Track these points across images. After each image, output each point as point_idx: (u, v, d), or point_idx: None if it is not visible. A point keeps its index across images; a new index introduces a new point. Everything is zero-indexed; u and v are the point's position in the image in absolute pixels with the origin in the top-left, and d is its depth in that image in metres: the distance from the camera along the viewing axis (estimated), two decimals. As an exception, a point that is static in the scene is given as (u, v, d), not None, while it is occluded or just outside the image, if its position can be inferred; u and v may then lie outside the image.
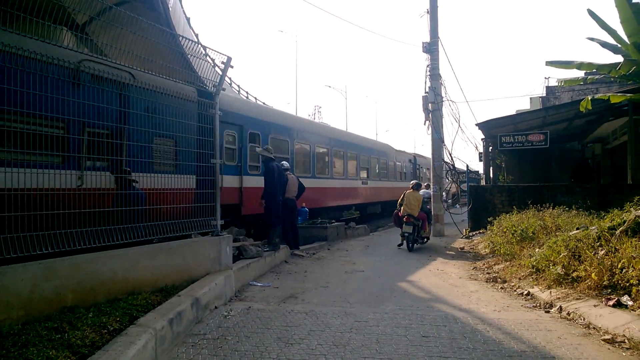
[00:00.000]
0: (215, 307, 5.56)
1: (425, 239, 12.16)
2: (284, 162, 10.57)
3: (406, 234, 11.08)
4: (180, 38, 7.02)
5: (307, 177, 14.08)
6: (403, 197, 11.46)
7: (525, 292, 6.28)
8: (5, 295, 3.95)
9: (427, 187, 14.78)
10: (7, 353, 3.29)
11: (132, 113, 5.58)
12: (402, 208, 11.27)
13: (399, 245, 11.58)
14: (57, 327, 3.81)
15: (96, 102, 5.10)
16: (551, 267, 6.23)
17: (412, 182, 12.20)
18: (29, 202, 4.29)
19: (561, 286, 5.89)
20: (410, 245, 11.15)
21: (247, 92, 23.07)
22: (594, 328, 4.65)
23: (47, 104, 4.47)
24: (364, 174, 19.77)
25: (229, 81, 21.11)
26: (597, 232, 6.23)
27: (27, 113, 4.33)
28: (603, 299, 5.11)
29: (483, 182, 18.83)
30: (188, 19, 15.94)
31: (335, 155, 17.04)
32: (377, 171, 21.39)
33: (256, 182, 11.11)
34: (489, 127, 15.17)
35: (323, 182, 15.78)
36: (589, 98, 9.17)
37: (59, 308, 4.25)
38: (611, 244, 5.74)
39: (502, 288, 6.81)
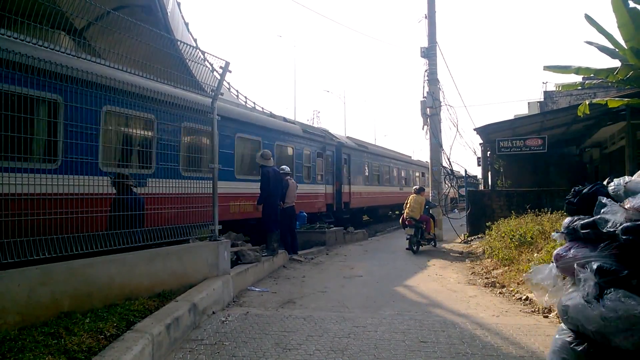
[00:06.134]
0: (213, 313, 5.54)
1: (432, 242, 12.39)
2: (283, 166, 10.56)
3: (408, 236, 11.38)
4: (179, 43, 7.03)
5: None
6: (407, 201, 11.92)
7: (524, 297, 6.27)
8: (1, 301, 3.93)
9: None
10: (3, 358, 3.28)
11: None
12: (405, 211, 11.66)
13: (407, 248, 11.63)
14: (54, 333, 3.79)
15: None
16: (550, 272, 6.21)
17: (415, 186, 12.57)
18: (25, 207, 4.28)
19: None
20: (414, 247, 11.38)
21: (245, 97, 23.09)
22: (592, 333, 4.63)
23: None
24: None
25: (228, 86, 21.15)
26: (595, 237, 6.20)
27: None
28: (602, 304, 5.07)
29: (481, 187, 18.86)
30: (187, 24, 15.99)
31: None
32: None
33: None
34: (487, 132, 15.20)
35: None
36: (587, 103, 9.20)
37: (55, 313, 4.23)
38: (609, 249, 5.71)
39: (500, 293, 6.80)
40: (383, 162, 23.15)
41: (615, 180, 3.00)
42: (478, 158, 19.10)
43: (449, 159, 15.09)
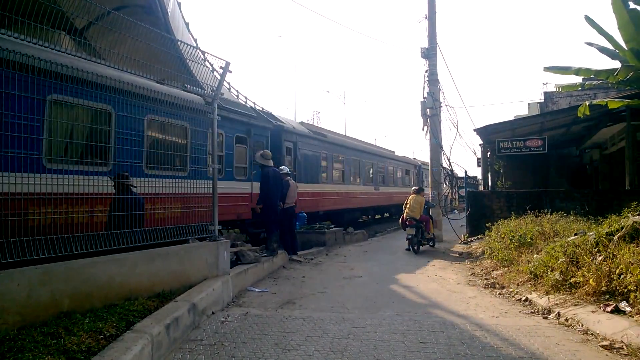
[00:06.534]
0: (213, 313, 5.54)
1: (431, 242, 12.57)
2: (283, 167, 10.56)
3: (409, 236, 11.52)
4: (179, 43, 7.02)
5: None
6: (407, 201, 12.06)
7: (524, 298, 6.27)
8: (1, 300, 3.93)
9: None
10: (2, 358, 3.28)
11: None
12: (405, 211, 11.81)
13: (407, 249, 11.82)
14: (53, 333, 3.79)
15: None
16: (549, 273, 6.22)
17: (414, 187, 12.71)
18: (25, 206, 4.29)
19: (559, 292, 5.89)
20: (416, 247, 11.53)
21: (245, 97, 23.07)
22: (592, 334, 4.64)
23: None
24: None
25: (228, 86, 21.10)
26: (595, 238, 6.23)
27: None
28: (601, 305, 5.10)
29: (481, 188, 18.85)
30: (187, 24, 15.98)
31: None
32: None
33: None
34: (487, 133, 15.20)
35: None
36: (587, 104, 9.20)
37: (55, 313, 4.23)
38: (609, 250, 5.74)
39: (500, 294, 6.79)
40: (350, 155, 18.55)
41: None
42: (478, 159, 19.11)
43: (449, 160, 15.11)
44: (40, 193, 4.51)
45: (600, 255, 5.79)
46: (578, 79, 11.02)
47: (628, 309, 4.81)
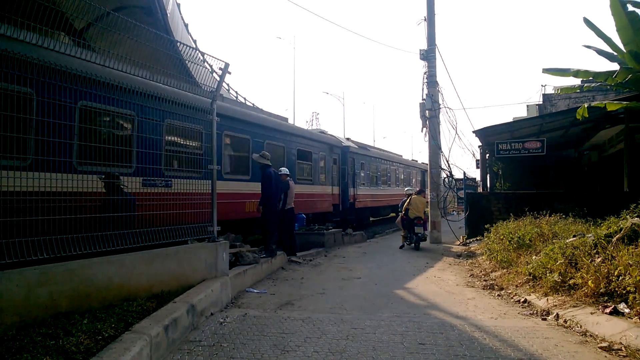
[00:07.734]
0: (211, 314, 5.53)
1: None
2: (282, 167, 10.56)
3: (419, 234, 12.46)
4: (179, 44, 7.02)
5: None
6: (409, 202, 12.68)
7: (522, 300, 6.28)
8: (-1, 301, 3.92)
9: None
10: (1, 359, 3.27)
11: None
12: (409, 212, 12.50)
13: (401, 247, 12.75)
14: (52, 333, 3.79)
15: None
16: (548, 275, 6.23)
17: (407, 188, 13.30)
18: (24, 207, 4.27)
19: (558, 293, 5.89)
20: (419, 244, 12.43)
21: (244, 98, 23.09)
22: (590, 336, 4.64)
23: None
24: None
25: (227, 87, 21.12)
26: (593, 240, 6.24)
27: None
28: (600, 307, 5.11)
29: (480, 189, 18.86)
30: (186, 25, 16.01)
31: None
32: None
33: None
34: (485, 135, 15.22)
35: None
36: (586, 106, 9.20)
37: (53, 314, 4.23)
38: (608, 252, 5.74)
39: (499, 295, 6.80)
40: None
41: None
42: (477, 160, 19.12)
43: (447, 161, 15.12)
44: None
45: (599, 257, 5.79)
46: (577, 81, 11.03)
47: (627, 310, 4.82)
